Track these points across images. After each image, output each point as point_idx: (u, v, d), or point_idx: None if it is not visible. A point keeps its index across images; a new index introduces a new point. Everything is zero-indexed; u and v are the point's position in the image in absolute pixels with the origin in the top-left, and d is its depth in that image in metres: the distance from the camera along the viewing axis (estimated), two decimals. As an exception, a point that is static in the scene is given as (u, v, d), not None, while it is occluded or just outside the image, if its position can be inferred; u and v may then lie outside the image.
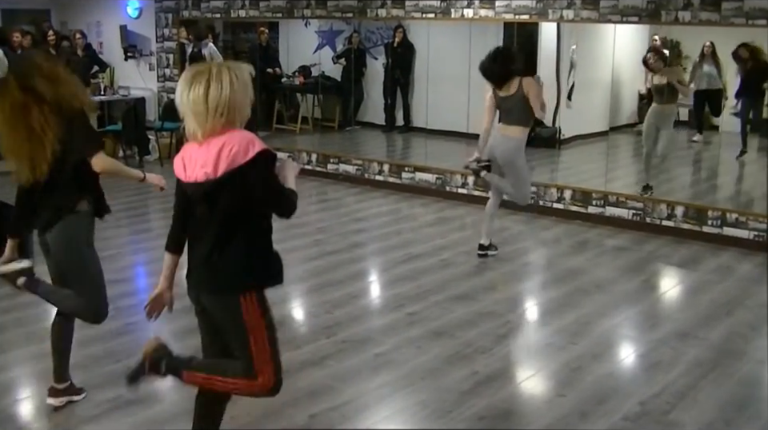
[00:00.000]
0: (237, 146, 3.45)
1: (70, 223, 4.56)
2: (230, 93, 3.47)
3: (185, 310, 6.57)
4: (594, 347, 6.01)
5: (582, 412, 5.00)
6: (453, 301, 6.91)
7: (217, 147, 3.46)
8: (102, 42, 14.50)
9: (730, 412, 5.02)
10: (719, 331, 6.34)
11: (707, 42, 10.79)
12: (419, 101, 13.06)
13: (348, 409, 4.97)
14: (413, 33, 13.00)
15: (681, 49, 11.44)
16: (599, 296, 7.14)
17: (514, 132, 7.90)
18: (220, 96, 3.45)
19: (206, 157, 3.48)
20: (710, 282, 7.57)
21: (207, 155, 3.48)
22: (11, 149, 4.48)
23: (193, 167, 3.55)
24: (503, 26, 11.79)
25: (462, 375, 5.47)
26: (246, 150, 3.46)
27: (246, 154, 3.45)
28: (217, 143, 3.47)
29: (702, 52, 10.91)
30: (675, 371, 5.59)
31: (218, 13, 13.03)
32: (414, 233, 9.23)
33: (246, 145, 3.47)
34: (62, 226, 4.54)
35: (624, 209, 9.35)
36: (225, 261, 3.60)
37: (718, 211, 8.82)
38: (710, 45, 10.80)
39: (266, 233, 3.69)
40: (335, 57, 14.11)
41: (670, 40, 11.99)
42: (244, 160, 3.45)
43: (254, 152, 3.46)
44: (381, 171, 11.44)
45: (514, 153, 7.90)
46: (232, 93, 3.48)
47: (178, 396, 5.18)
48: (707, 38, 10.75)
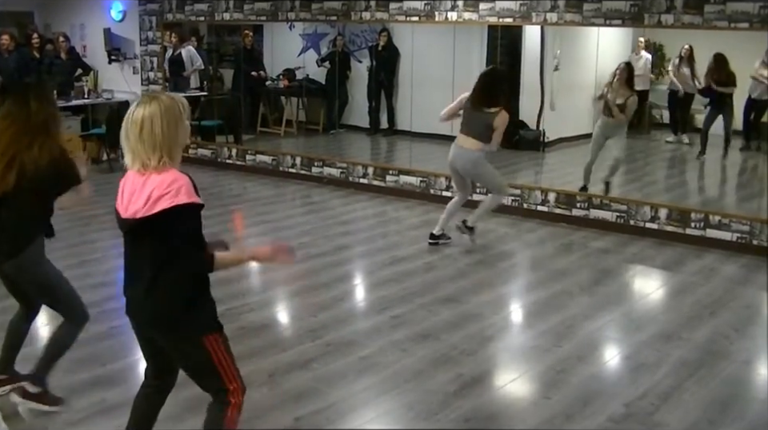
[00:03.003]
0: (166, 189, 3.43)
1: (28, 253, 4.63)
2: (160, 130, 3.48)
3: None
4: (579, 349, 6.03)
5: (567, 414, 5.01)
6: (438, 304, 6.91)
7: (150, 186, 3.46)
8: (86, 45, 14.44)
9: (714, 413, 5.04)
10: (703, 332, 6.37)
11: (686, 45, 10.86)
12: (403, 104, 13.05)
13: (333, 412, 4.96)
14: (397, 36, 13.01)
15: (664, 53, 11.49)
16: (584, 299, 7.16)
17: (472, 145, 8.17)
18: (152, 133, 3.47)
19: (140, 193, 3.48)
20: (694, 284, 7.60)
21: (142, 191, 3.48)
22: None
23: (127, 199, 3.55)
24: (487, 29, 11.83)
25: (447, 377, 5.47)
26: (175, 195, 3.44)
27: (173, 200, 3.43)
28: (151, 182, 3.47)
29: (680, 54, 10.98)
30: (660, 372, 5.61)
31: (202, 16, 13.00)
32: (399, 236, 9.24)
33: (177, 190, 3.45)
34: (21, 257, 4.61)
35: (608, 211, 9.38)
36: (167, 301, 3.59)
37: (701, 213, 8.86)
38: (688, 49, 10.86)
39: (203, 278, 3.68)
40: (319, 60, 14.10)
41: (653, 43, 12.04)
42: (169, 205, 3.43)
43: (179, 200, 3.44)
44: (365, 174, 11.43)
45: (475, 167, 8.22)
46: (166, 128, 3.50)
47: (163, 399, 5.17)
48: (690, 41, 10.80)
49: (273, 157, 12.49)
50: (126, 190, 3.56)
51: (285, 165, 12.27)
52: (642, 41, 11.41)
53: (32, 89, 4.67)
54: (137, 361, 5.67)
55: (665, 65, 11.52)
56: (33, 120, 4.47)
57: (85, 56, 14.15)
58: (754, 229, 8.49)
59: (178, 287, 3.56)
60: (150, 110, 3.47)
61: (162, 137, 3.47)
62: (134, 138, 3.48)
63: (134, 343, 4.40)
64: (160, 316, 3.61)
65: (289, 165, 12.23)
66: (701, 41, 10.47)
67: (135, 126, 3.47)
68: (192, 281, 3.60)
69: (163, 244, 3.50)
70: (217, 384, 3.73)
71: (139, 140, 3.47)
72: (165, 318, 3.61)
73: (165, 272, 3.53)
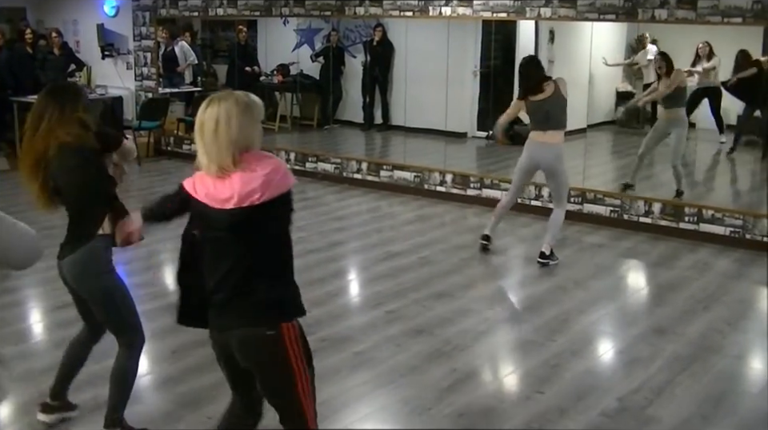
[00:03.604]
0: (264, 178, 3.22)
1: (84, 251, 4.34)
2: (239, 127, 3.25)
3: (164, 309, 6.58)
4: (573, 343, 6.05)
5: (561, 408, 5.03)
6: (432, 299, 6.93)
7: (240, 179, 3.22)
8: (79, 41, 14.43)
9: (707, 407, 5.06)
10: (696, 327, 6.39)
11: (700, 43, 10.84)
12: (398, 99, 13.05)
13: (328, 407, 4.96)
14: (391, 31, 13.01)
15: (658, 47, 11.50)
16: (578, 293, 7.18)
17: (552, 138, 7.77)
18: (229, 131, 3.23)
19: (230, 189, 3.22)
20: (688, 278, 7.62)
21: (231, 187, 3.22)
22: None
23: (214, 192, 3.28)
24: (481, 24, 11.85)
25: (441, 372, 5.49)
26: (283, 181, 3.28)
27: (272, 189, 3.23)
28: (240, 176, 3.22)
29: (697, 53, 10.96)
30: (653, 366, 5.63)
31: (196, 12, 12.99)
32: (394, 231, 9.24)
33: (283, 175, 3.28)
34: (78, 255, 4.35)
35: (602, 206, 9.39)
36: (259, 293, 3.34)
37: (695, 208, 8.88)
38: (705, 45, 10.84)
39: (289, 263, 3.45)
40: (314, 56, 14.10)
41: (646, 37, 12.07)
42: (279, 192, 3.26)
43: (286, 187, 3.29)
44: (359, 169, 11.44)
45: (560, 161, 7.83)
46: (244, 127, 3.27)
47: (157, 397, 5.19)
48: (684, 36, 10.81)
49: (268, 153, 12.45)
50: (202, 191, 3.32)
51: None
52: (648, 36, 11.43)
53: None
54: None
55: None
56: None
57: (78, 51, 14.13)
58: (747, 223, 8.51)
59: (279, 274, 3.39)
60: (224, 108, 3.26)
61: (239, 136, 3.24)
62: (208, 139, 3.25)
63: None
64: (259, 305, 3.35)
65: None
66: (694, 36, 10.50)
67: (210, 124, 3.25)
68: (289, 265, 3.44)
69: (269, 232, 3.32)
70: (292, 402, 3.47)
71: (214, 141, 3.23)
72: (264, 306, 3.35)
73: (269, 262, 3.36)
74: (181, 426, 4.77)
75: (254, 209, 3.20)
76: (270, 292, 3.34)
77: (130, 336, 4.45)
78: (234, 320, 3.36)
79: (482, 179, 10.38)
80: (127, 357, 4.45)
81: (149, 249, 8.24)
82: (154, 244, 8.51)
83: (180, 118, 13.69)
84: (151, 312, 6.49)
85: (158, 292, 7.05)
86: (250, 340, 3.35)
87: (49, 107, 4.24)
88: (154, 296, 6.87)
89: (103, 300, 4.37)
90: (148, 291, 7.00)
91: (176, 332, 6.03)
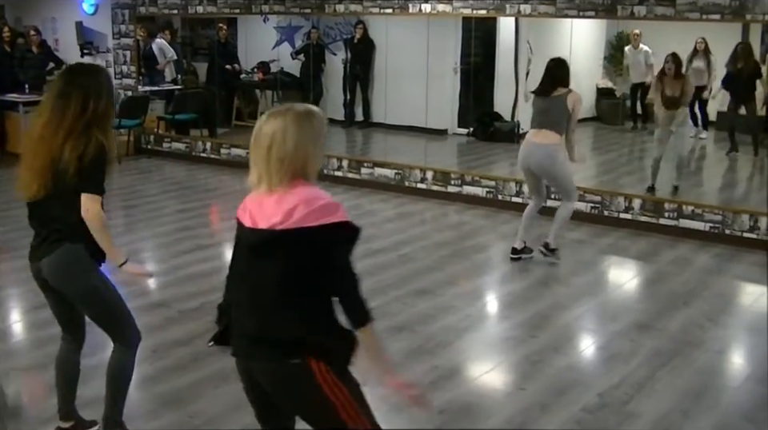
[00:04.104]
0: (315, 205, 3.00)
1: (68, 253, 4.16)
2: (295, 144, 3.05)
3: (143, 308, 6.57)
4: (554, 339, 6.06)
5: (543, 404, 5.04)
6: (413, 296, 6.92)
7: (292, 202, 3.01)
8: (58, 39, 14.33)
9: (688, 402, 5.08)
10: (677, 322, 6.41)
11: (699, 38, 10.87)
12: (379, 97, 13.07)
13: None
14: (372, 28, 13.01)
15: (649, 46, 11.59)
16: (559, 289, 7.20)
17: (548, 138, 7.46)
18: (284, 148, 3.04)
19: (276, 208, 3.03)
20: (668, 274, 7.65)
21: (278, 206, 3.03)
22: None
23: (259, 211, 3.10)
24: (461, 21, 11.86)
25: (422, 369, 5.49)
26: (327, 213, 3.02)
27: (327, 216, 3.01)
28: (291, 198, 3.02)
29: (695, 48, 10.99)
30: (634, 362, 5.65)
31: (176, 10, 12.94)
32: (374, 229, 9.22)
33: (326, 209, 3.02)
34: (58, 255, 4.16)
35: (582, 202, 9.39)
36: (287, 323, 3.09)
37: (675, 203, 8.91)
38: (702, 42, 10.85)
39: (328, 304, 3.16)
40: (294, 53, 14.08)
41: (627, 34, 12.11)
42: (320, 222, 3.00)
43: (335, 218, 3.02)
44: (340, 167, 11.42)
45: (553, 163, 7.53)
46: (300, 144, 3.06)
47: (138, 396, 5.16)
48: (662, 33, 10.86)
49: (247, 151, 12.37)
50: (251, 209, 3.13)
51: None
52: (639, 34, 11.46)
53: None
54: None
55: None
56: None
57: (57, 49, 14.03)
58: (726, 219, 8.55)
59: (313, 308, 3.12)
60: (282, 123, 3.07)
61: (295, 154, 3.05)
62: (260, 155, 3.08)
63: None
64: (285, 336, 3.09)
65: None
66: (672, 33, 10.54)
67: (264, 140, 3.07)
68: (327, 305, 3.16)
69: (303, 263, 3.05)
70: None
71: (267, 158, 3.05)
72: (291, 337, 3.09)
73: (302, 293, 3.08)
74: (161, 425, 4.75)
75: (282, 233, 3.01)
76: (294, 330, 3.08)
77: (124, 333, 4.35)
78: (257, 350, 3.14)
79: (463, 176, 10.38)
80: (123, 354, 4.36)
81: (131, 248, 8.22)
82: (135, 242, 8.50)
83: (160, 116, 13.63)
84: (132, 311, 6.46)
85: (138, 290, 7.01)
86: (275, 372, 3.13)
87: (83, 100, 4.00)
88: (134, 295, 6.83)
89: (91, 299, 4.24)
90: (128, 290, 6.95)
91: (156, 331, 6.04)
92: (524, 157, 7.68)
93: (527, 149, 7.63)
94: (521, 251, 7.92)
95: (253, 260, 3.13)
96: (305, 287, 3.05)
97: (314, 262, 3.02)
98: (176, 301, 6.71)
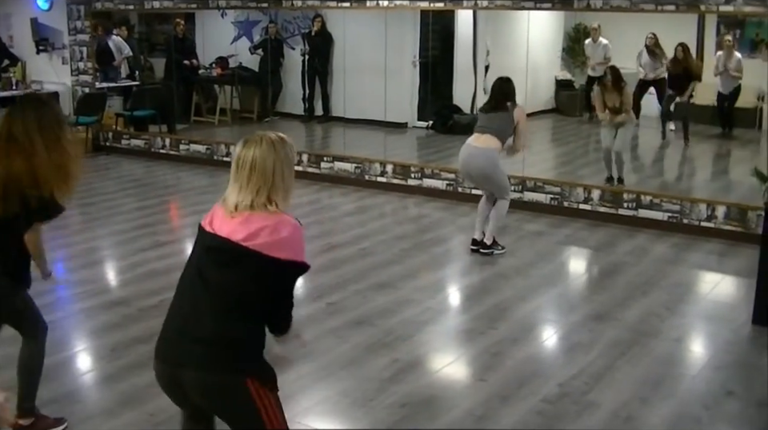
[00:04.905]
0: (278, 235, 3.12)
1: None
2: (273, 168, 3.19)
3: (102, 307, 6.51)
4: (514, 331, 6.08)
5: (503, 395, 5.05)
6: (373, 290, 6.92)
7: (259, 224, 3.12)
8: (12, 36, 14.13)
9: (646, 391, 5.12)
10: (635, 311, 6.46)
11: (649, 34, 11.09)
12: (337, 91, 13.05)
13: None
14: (330, 22, 12.99)
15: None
16: (518, 281, 7.22)
17: (488, 142, 7.62)
18: (264, 172, 3.17)
19: (242, 226, 3.13)
20: (626, 264, 7.70)
21: (244, 225, 3.13)
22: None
23: (223, 224, 3.19)
24: (419, 14, 11.87)
25: (383, 363, 5.49)
26: (287, 249, 3.14)
27: (286, 251, 3.13)
28: (258, 220, 3.14)
29: (645, 44, 11.21)
30: (593, 352, 5.69)
31: (132, 5, 12.82)
32: (334, 223, 9.22)
33: (288, 244, 3.15)
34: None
35: (542, 193, 9.45)
36: (225, 337, 3.14)
37: (633, 193, 8.97)
38: (652, 37, 11.08)
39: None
40: (252, 48, 14.04)
41: (584, 27, 12.19)
42: (279, 254, 3.10)
43: (291, 255, 3.15)
44: (300, 161, 11.37)
45: (493, 166, 7.70)
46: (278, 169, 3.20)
47: (98, 395, 5.14)
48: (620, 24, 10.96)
49: (207, 147, 12.38)
50: (216, 220, 3.24)
51: (219, 154, 12.16)
52: (598, 27, 11.57)
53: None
54: (71, 356, 5.62)
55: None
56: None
57: (12, 46, 13.84)
58: (684, 209, 8.62)
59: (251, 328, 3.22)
60: (260, 149, 3.18)
61: (273, 178, 3.18)
62: (243, 176, 3.19)
63: (69, 337, 4.36)
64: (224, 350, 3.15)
65: (223, 154, 12.11)
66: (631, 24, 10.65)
67: (245, 164, 3.19)
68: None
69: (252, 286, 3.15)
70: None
71: (247, 179, 3.18)
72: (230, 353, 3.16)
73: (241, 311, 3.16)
74: (121, 423, 4.71)
75: (239, 247, 3.10)
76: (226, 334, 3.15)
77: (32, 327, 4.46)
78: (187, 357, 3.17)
79: (423, 169, 10.39)
80: (32, 348, 4.46)
81: (88, 246, 8.17)
82: (93, 240, 8.43)
83: (118, 113, 13.52)
84: (90, 309, 6.44)
85: (97, 289, 6.97)
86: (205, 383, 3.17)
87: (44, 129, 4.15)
88: (92, 293, 6.79)
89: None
90: (87, 288, 6.92)
91: (115, 329, 6.00)
92: (465, 162, 7.83)
93: (467, 152, 7.77)
94: (480, 243, 7.93)
95: (206, 264, 3.20)
96: (250, 300, 3.15)
97: (258, 283, 3.14)
98: (135, 299, 6.65)
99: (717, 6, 8.35)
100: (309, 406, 4.96)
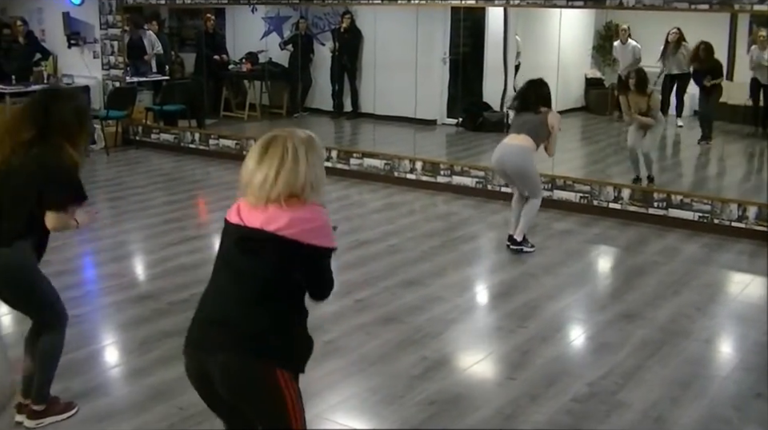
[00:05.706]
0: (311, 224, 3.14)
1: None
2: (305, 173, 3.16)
3: (132, 301, 6.54)
4: (543, 330, 6.06)
5: (532, 394, 5.03)
6: (402, 287, 6.91)
7: (289, 215, 3.10)
8: (44, 30, 14.22)
9: (676, 391, 5.08)
10: (665, 311, 6.41)
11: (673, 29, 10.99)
12: (367, 87, 13.04)
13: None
14: (360, 18, 12.97)
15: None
16: (547, 280, 7.19)
17: (522, 140, 7.64)
18: (296, 180, 3.14)
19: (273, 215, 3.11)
20: (656, 263, 7.65)
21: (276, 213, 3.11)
22: None
23: (250, 217, 3.16)
24: (450, 11, 11.85)
25: (411, 360, 5.48)
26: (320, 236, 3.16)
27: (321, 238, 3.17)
28: (289, 212, 3.11)
29: (667, 39, 11.10)
30: (623, 352, 5.65)
31: (163, 0, 12.87)
32: (363, 219, 9.21)
33: (320, 232, 3.17)
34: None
35: (571, 192, 9.40)
36: (257, 325, 3.15)
37: (664, 193, 8.92)
38: (676, 32, 10.98)
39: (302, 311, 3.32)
40: (282, 44, 14.05)
41: (615, 25, 12.11)
42: (310, 241, 3.12)
43: (323, 242, 3.18)
44: (329, 157, 11.38)
45: (525, 162, 7.71)
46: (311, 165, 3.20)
47: (126, 389, 5.15)
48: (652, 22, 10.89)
49: (236, 142, 12.42)
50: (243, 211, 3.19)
51: (248, 149, 12.14)
52: (627, 29, 11.48)
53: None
54: (99, 349, 5.65)
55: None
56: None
57: (43, 40, 13.94)
58: (715, 208, 8.56)
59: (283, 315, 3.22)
60: (291, 143, 3.17)
61: (305, 173, 3.16)
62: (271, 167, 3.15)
63: (97, 330, 4.38)
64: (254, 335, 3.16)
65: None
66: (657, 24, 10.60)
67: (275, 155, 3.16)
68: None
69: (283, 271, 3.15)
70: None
71: (276, 172, 3.13)
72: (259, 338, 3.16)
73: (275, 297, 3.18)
74: (151, 417, 4.73)
75: (272, 235, 3.08)
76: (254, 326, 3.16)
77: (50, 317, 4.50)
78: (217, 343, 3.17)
79: (452, 166, 10.37)
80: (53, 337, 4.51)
81: (118, 240, 8.21)
82: (122, 234, 8.48)
83: (148, 107, 13.57)
84: (119, 303, 6.47)
85: (126, 282, 7.00)
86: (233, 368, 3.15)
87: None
88: (121, 287, 6.82)
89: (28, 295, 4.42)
90: (116, 282, 6.96)
91: (144, 324, 6.02)
92: (499, 158, 7.80)
93: (502, 150, 7.75)
94: (511, 238, 7.92)
95: (236, 255, 3.20)
96: (281, 287, 3.17)
97: (295, 270, 3.17)
98: (164, 293, 6.68)
99: (751, 6, 8.28)
100: (337, 403, 4.96)
